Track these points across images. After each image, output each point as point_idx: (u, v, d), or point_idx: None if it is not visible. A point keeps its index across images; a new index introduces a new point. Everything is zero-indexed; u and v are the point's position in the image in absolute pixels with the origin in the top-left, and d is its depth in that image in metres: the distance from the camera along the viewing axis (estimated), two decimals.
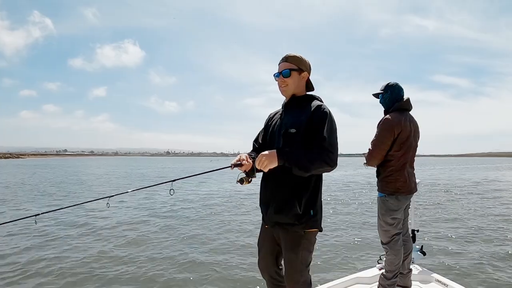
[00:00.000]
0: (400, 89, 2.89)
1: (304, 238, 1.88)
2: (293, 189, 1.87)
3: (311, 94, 2.07)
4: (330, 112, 1.90)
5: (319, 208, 1.92)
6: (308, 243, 1.90)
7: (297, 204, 1.84)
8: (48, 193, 15.63)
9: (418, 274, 3.27)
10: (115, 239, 6.99)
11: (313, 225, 1.88)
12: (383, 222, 2.84)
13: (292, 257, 1.89)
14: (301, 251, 1.88)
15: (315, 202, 1.89)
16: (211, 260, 5.69)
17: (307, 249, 1.90)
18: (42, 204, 12.38)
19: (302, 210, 1.85)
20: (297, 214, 1.84)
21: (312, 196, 1.88)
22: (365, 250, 6.21)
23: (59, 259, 5.70)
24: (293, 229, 1.88)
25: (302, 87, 2.02)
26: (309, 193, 1.87)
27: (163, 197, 13.21)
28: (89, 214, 9.79)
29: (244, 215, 9.78)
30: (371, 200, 12.96)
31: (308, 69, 2.03)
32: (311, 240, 1.91)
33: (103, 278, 4.87)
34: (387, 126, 2.75)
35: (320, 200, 1.94)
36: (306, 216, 1.85)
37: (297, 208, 1.84)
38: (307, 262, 1.91)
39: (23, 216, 7.29)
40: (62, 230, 7.85)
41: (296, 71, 1.97)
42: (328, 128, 1.84)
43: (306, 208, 1.86)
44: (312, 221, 1.87)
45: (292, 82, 1.98)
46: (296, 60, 1.99)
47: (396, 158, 2.77)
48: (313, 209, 1.88)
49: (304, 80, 2.02)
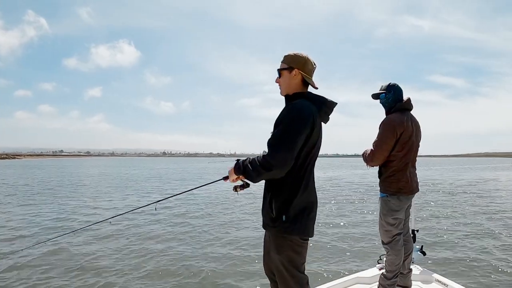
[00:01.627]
0: (401, 90, 2.91)
1: (287, 239, 1.82)
2: (268, 192, 1.86)
3: (302, 92, 1.95)
4: (295, 107, 1.80)
5: (296, 214, 1.79)
6: (292, 244, 1.82)
7: (270, 207, 1.82)
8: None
9: (418, 274, 3.27)
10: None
11: (285, 231, 1.80)
12: (385, 222, 2.83)
13: (274, 257, 1.87)
14: (284, 252, 1.82)
15: (289, 207, 1.78)
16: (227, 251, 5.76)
17: (290, 250, 1.83)
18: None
19: (275, 214, 1.80)
20: (271, 218, 1.82)
21: (286, 201, 1.79)
22: (365, 250, 6.22)
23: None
24: (273, 231, 1.86)
25: (295, 85, 1.94)
26: (282, 197, 1.80)
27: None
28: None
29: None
30: (370, 200, 12.99)
31: (301, 65, 1.93)
32: (295, 242, 1.83)
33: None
34: (389, 126, 2.74)
35: (298, 205, 1.80)
36: (278, 221, 1.80)
37: (270, 211, 1.82)
38: (292, 263, 1.84)
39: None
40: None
41: (286, 70, 1.93)
42: (279, 123, 1.78)
43: (278, 212, 1.80)
44: (285, 227, 1.79)
45: (283, 82, 1.96)
46: (287, 59, 1.95)
47: (398, 158, 2.76)
48: (285, 215, 1.78)
49: (296, 77, 1.93)
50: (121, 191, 17.21)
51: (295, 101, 1.87)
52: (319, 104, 1.90)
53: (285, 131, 1.73)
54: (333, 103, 1.94)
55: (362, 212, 10.45)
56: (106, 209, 11.35)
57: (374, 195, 14.39)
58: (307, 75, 1.94)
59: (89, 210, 11.23)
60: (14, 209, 11.18)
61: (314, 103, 1.88)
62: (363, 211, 10.53)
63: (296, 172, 1.79)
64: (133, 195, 15.51)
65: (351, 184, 20.78)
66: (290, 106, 1.84)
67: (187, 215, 10.02)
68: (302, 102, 1.85)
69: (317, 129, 1.85)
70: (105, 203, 12.96)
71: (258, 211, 8.70)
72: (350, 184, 20.77)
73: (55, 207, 11.74)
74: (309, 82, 1.95)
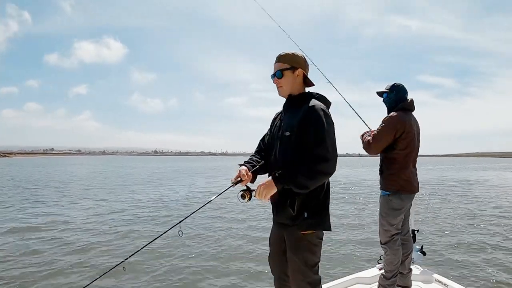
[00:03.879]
0: (405, 91, 2.92)
1: (304, 239, 1.83)
2: (286, 190, 1.81)
3: (309, 91, 1.99)
4: (323, 111, 1.82)
5: (318, 210, 1.84)
6: (309, 244, 1.84)
7: (290, 205, 1.81)
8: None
9: (418, 274, 3.26)
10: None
11: (308, 227, 1.82)
12: (385, 221, 2.83)
13: (292, 257, 1.87)
14: (302, 252, 1.83)
15: (311, 203, 1.82)
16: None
17: (308, 250, 1.84)
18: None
19: (296, 212, 1.80)
20: (291, 216, 1.82)
21: (307, 198, 1.81)
22: (365, 250, 6.23)
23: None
24: (291, 230, 1.86)
25: (299, 84, 1.95)
26: (304, 194, 1.80)
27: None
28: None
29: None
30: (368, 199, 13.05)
31: (303, 65, 1.95)
32: (312, 241, 1.85)
33: None
34: (390, 123, 2.77)
35: (321, 201, 1.86)
36: (300, 218, 1.81)
37: (289, 209, 1.81)
38: (309, 263, 1.84)
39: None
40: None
41: (289, 70, 1.92)
42: (320, 132, 1.77)
43: (300, 209, 1.80)
44: (307, 223, 1.81)
45: (285, 82, 1.94)
46: (288, 59, 1.94)
47: (402, 156, 2.78)
48: (307, 211, 1.80)
49: (299, 77, 1.94)
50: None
51: (317, 105, 1.85)
52: (327, 104, 1.95)
53: (331, 136, 1.80)
54: (330, 103, 2.00)
55: (361, 211, 10.49)
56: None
57: (372, 195, 14.49)
58: (307, 74, 1.98)
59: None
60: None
61: (326, 104, 1.93)
62: (362, 211, 10.58)
63: None
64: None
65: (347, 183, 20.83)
66: (322, 112, 1.82)
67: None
68: (322, 105, 1.87)
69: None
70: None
71: (251, 217, 8.89)
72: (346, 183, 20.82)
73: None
74: (309, 82, 1.99)
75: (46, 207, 11.36)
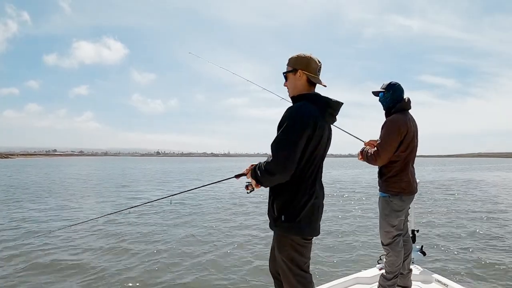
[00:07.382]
0: (401, 90, 2.87)
1: (288, 238, 1.85)
2: (271, 192, 1.90)
3: (306, 93, 1.93)
4: (290, 109, 1.81)
5: (295, 215, 1.80)
6: (293, 244, 1.84)
7: (272, 207, 1.86)
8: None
9: (418, 274, 3.27)
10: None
11: (285, 231, 1.83)
12: (386, 223, 2.82)
13: (277, 256, 1.91)
14: (285, 251, 1.86)
15: (289, 208, 1.80)
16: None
17: (293, 250, 1.84)
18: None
19: (276, 214, 1.84)
20: (274, 218, 1.86)
21: (286, 201, 1.81)
22: (365, 250, 6.23)
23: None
24: (275, 230, 1.90)
25: (301, 86, 1.94)
26: (283, 197, 1.82)
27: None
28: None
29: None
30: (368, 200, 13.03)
31: (304, 65, 1.92)
32: (297, 241, 1.84)
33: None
34: (394, 127, 2.72)
35: (299, 205, 1.80)
36: (278, 221, 1.83)
37: (271, 211, 1.88)
38: (294, 262, 1.85)
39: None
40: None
41: (291, 73, 1.95)
42: (279, 132, 1.76)
43: (278, 212, 1.83)
44: (284, 227, 1.82)
45: (289, 84, 1.98)
46: (291, 62, 1.97)
47: (402, 158, 2.75)
48: (284, 215, 1.80)
49: (301, 78, 1.92)
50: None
51: (295, 103, 1.89)
52: (323, 105, 1.89)
53: (284, 135, 1.74)
54: (338, 103, 1.93)
55: (361, 212, 10.48)
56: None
57: (371, 195, 14.45)
58: (312, 74, 1.93)
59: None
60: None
61: (317, 104, 1.87)
62: (361, 211, 10.56)
63: (297, 174, 1.80)
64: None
65: (347, 183, 20.80)
66: (289, 109, 1.84)
67: (198, 212, 9.96)
68: (301, 104, 1.84)
69: (320, 130, 1.83)
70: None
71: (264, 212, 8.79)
72: (346, 183, 20.80)
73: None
74: (315, 81, 1.94)
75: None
